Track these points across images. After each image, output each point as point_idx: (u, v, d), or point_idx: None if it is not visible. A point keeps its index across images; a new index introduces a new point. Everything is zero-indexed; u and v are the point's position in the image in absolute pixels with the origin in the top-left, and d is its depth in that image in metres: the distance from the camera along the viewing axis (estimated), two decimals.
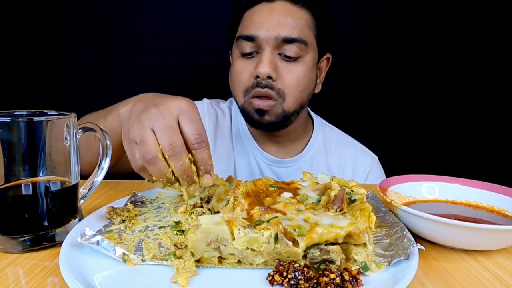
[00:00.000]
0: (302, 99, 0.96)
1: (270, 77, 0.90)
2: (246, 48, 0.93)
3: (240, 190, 0.60)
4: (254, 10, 0.94)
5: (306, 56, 0.93)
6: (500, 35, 1.86)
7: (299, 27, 0.91)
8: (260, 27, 0.90)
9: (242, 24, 0.96)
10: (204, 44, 1.78)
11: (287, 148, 1.09)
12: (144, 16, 1.82)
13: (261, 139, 1.08)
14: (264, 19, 0.91)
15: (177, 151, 0.54)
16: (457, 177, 0.71)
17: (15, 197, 0.53)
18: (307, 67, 0.94)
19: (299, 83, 0.93)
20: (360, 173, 1.09)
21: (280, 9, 0.92)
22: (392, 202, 0.59)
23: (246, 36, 0.92)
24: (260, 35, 0.90)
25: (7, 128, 0.50)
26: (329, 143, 1.13)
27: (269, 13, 0.91)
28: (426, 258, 0.54)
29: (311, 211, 0.53)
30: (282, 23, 0.90)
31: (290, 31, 0.90)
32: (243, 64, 0.94)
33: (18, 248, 0.53)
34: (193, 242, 0.47)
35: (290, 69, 0.92)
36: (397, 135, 1.94)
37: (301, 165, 1.07)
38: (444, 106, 1.94)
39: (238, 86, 0.96)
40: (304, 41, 0.91)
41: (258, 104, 0.92)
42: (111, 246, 0.48)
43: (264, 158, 1.07)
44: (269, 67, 0.89)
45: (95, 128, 0.61)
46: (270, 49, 0.90)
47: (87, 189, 0.63)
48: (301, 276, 0.44)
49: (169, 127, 0.54)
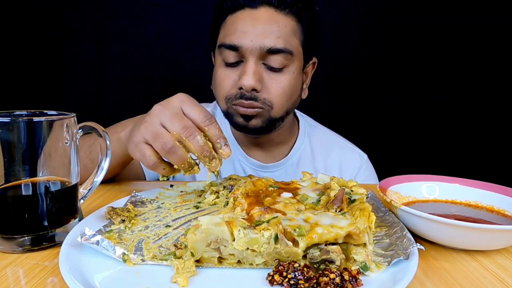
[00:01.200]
0: (289, 107, 0.94)
1: (255, 89, 0.87)
2: (229, 58, 0.89)
3: (239, 190, 0.60)
4: (237, 17, 0.89)
5: (291, 66, 0.90)
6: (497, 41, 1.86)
7: (284, 36, 0.87)
8: (243, 37, 0.86)
9: (224, 30, 0.92)
10: (203, 45, 1.78)
11: (273, 152, 1.07)
12: (144, 16, 1.82)
13: (246, 144, 1.06)
14: (248, 28, 0.86)
15: (191, 131, 0.60)
16: (457, 177, 0.71)
17: (15, 197, 0.53)
18: (292, 76, 0.91)
19: (284, 93, 0.90)
20: (348, 174, 1.08)
21: (264, 17, 0.87)
22: (392, 202, 0.59)
23: (229, 45, 0.88)
24: (244, 45, 0.86)
25: (7, 128, 0.50)
26: (316, 145, 1.11)
27: (252, 21, 0.87)
28: (426, 258, 0.54)
29: (311, 211, 0.53)
30: (266, 33, 0.86)
31: (275, 41, 0.86)
32: (226, 72, 0.91)
33: (18, 248, 0.53)
34: (193, 242, 0.47)
35: (275, 79, 0.89)
36: (397, 135, 1.94)
37: (287, 169, 1.06)
38: (444, 106, 1.94)
39: (220, 93, 0.93)
40: (289, 51, 0.88)
41: (244, 110, 0.89)
42: (111, 246, 0.48)
43: (249, 163, 1.05)
44: (254, 79, 0.85)
45: (95, 127, 0.61)
46: (254, 60, 0.86)
47: (87, 189, 0.63)
48: (301, 276, 0.44)
49: (176, 114, 0.61)
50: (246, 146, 1.07)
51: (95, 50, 1.84)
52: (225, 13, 0.92)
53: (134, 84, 1.86)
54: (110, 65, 1.86)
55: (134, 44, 1.83)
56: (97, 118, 0.63)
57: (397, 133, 1.93)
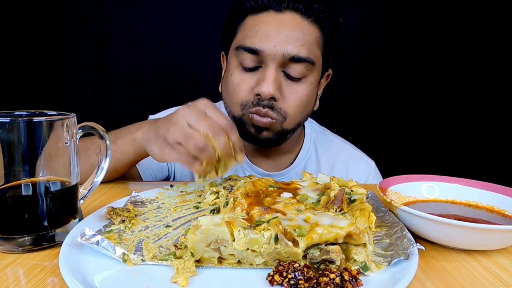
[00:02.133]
0: (301, 119, 0.92)
1: (273, 97, 0.83)
2: (248, 62, 0.85)
3: (239, 191, 0.60)
4: (259, 19, 0.85)
5: (310, 76, 0.87)
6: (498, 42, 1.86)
7: (308, 44, 0.84)
8: (266, 41, 0.82)
9: (243, 31, 0.87)
10: (203, 46, 1.78)
11: (278, 161, 1.05)
12: (144, 17, 1.82)
13: (251, 152, 1.04)
14: (272, 33, 0.82)
15: (218, 130, 0.64)
16: (457, 177, 0.71)
17: (15, 198, 0.53)
18: (310, 87, 0.88)
19: (301, 105, 0.87)
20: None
21: (290, 23, 0.83)
22: (392, 202, 0.59)
23: (249, 48, 0.83)
24: (266, 50, 0.82)
25: (7, 128, 0.50)
26: (322, 153, 1.08)
27: (277, 25, 0.82)
28: (426, 258, 0.54)
29: (311, 211, 0.53)
30: (291, 39, 0.82)
31: (299, 49, 0.82)
32: (242, 76, 0.86)
33: (18, 248, 0.53)
34: (193, 242, 0.47)
35: (293, 89, 0.86)
36: (397, 135, 1.94)
37: (291, 178, 1.04)
38: (444, 106, 1.94)
39: (234, 99, 0.88)
40: (312, 61, 0.84)
41: (258, 120, 0.86)
42: (111, 246, 0.48)
43: (253, 171, 1.03)
44: (274, 87, 0.82)
45: (95, 127, 0.61)
46: (275, 67, 0.83)
47: (87, 189, 0.63)
48: (301, 276, 0.44)
49: (203, 115, 0.65)
50: (251, 155, 1.04)
51: (95, 50, 1.84)
52: (245, 13, 0.88)
53: (134, 84, 1.86)
54: (110, 65, 1.86)
55: (134, 44, 1.83)
56: (97, 118, 0.63)
57: (397, 133, 1.94)
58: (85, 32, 1.83)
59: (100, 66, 1.86)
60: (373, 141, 1.61)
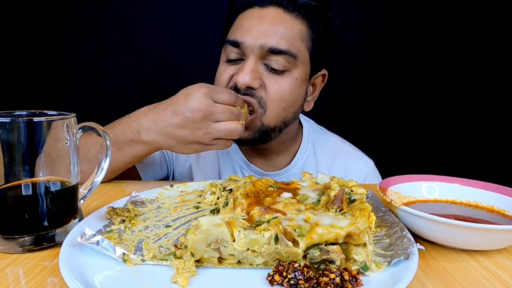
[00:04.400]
0: (286, 117, 0.90)
1: (251, 87, 0.84)
2: (231, 54, 0.88)
3: (239, 191, 0.60)
4: (245, 15, 0.89)
5: (294, 70, 0.87)
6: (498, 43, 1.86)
7: (289, 38, 0.85)
8: (246, 34, 0.85)
9: (232, 28, 0.91)
10: (203, 45, 1.78)
11: (274, 161, 1.05)
12: (144, 16, 1.82)
13: (247, 151, 1.04)
14: (252, 26, 0.85)
15: (233, 110, 0.78)
16: (457, 177, 0.71)
17: (15, 198, 0.53)
18: (294, 82, 0.87)
19: (283, 98, 0.87)
20: None
21: (271, 16, 0.85)
22: (392, 202, 0.59)
23: (231, 41, 0.87)
24: (245, 42, 0.84)
25: (7, 128, 0.50)
26: (320, 152, 1.08)
27: (258, 19, 0.85)
28: (426, 258, 0.54)
29: (311, 211, 0.52)
30: (270, 32, 0.84)
31: (277, 41, 0.83)
32: (225, 67, 0.90)
33: (18, 248, 0.53)
34: (193, 243, 0.47)
35: (276, 80, 0.86)
36: (397, 135, 1.94)
37: (289, 178, 1.04)
38: (444, 106, 1.94)
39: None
40: (293, 54, 0.85)
41: None
42: (111, 246, 0.48)
43: (251, 170, 1.04)
44: (250, 76, 0.83)
45: (95, 127, 0.61)
46: (254, 58, 0.84)
47: (87, 189, 0.63)
48: (301, 276, 0.44)
49: (213, 91, 0.77)
50: (248, 153, 1.05)
51: (95, 50, 1.84)
52: (236, 12, 0.92)
53: (134, 84, 1.86)
54: (110, 65, 1.86)
55: (134, 44, 1.83)
56: (97, 118, 0.63)
57: (397, 133, 1.94)
58: (85, 32, 1.83)
59: (100, 66, 1.86)
60: (373, 141, 1.61)
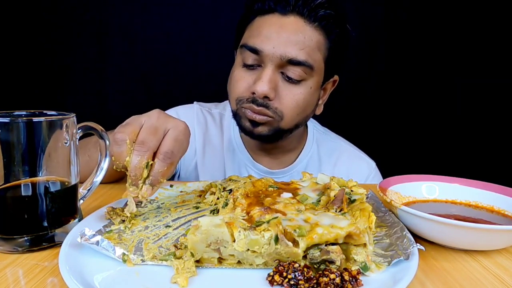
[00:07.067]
0: (299, 121, 0.93)
1: (267, 96, 0.86)
2: (249, 60, 0.88)
3: (239, 191, 0.60)
4: (265, 20, 0.88)
5: (309, 80, 0.88)
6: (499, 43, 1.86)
7: (308, 49, 0.85)
8: (266, 42, 0.84)
9: (250, 31, 0.90)
10: (203, 45, 1.78)
11: (280, 159, 1.06)
12: (144, 16, 1.82)
13: (253, 149, 1.05)
14: (273, 34, 0.84)
15: (142, 150, 0.55)
16: (457, 177, 0.71)
17: (14, 198, 0.53)
18: (308, 90, 0.89)
19: (297, 106, 0.89)
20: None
21: (292, 26, 0.85)
22: (392, 202, 0.59)
23: (250, 47, 0.86)
24: (265, 51, 0.84)
25: (6, 129, 0.50)
26: (323, 152, 1.10)
27: (279, 28, 0.85)
28: (426, 258, 0.54)
29: (311, 211, 0.52)
30: (290, 42, 0.84)
31: (297, 52, 0.84)
32: (242, 74, 0.90)
33: (18, 249, 0.53)
34: (193, 243, 0.47)
35: (290, 90, 0.87)
36: (397, 135, 1.94)
37: (293, 176, 1.05)
38: (444, 107, 1.94)
39: (232, 93, 0.92)
40: (310, 65, 0.85)
41: (251, 115, 0.88)
42: (111, 246, 0.48)
43: (256, 169, 1.05)
44: (268, 86, 0.84)
45: (95, 127, 0.61)
46: (273, 68, 0.85)
47: (87, 189, 0.63)
48: (301, 276, 0.44)
49: (155, 129, 0.56)
50: (254, 152, 1.06)
51: (95, 50, 1.85)
52: (254, 13, 0.91)
53: (134, 84, 1.87)
54: (110, 65, 1.86)
55: (134, 43, 1.83)
56: (97, 118, 0.63)
57: (397, 134, 1.94)
58: (85, 31, 1.83)
59: (100, 65, 1.86)
60: (374, 141, 1.61)
